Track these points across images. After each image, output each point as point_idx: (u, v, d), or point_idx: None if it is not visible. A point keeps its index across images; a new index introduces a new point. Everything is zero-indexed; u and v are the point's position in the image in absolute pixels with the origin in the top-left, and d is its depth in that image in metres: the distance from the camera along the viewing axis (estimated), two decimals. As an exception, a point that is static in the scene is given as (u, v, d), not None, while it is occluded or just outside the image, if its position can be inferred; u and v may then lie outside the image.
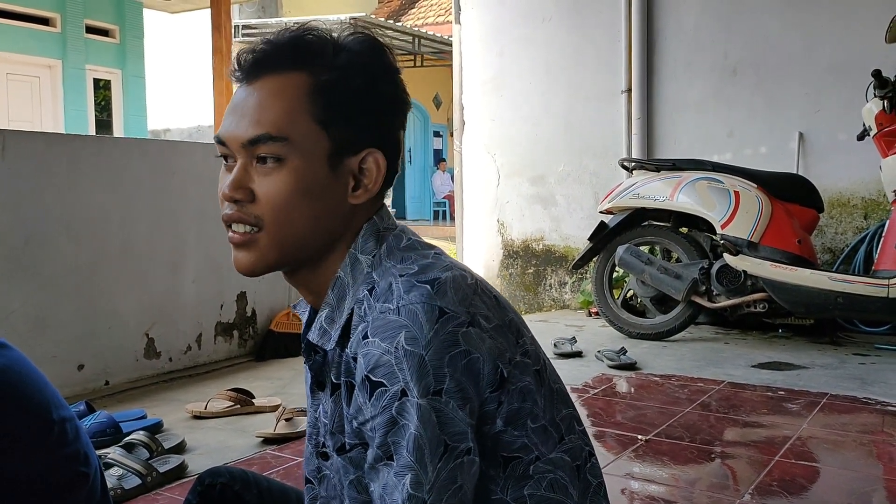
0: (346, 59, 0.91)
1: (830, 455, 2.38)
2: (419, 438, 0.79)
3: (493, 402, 0.85)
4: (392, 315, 0.82)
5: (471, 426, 0.82)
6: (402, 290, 0.84)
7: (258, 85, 0.90)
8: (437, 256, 0.91)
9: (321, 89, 0.90)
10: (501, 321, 0.88)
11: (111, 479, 1.99)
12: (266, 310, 3.89)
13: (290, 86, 0.89)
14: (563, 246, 5.49)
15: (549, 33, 5.48)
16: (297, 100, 0.89)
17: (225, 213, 0.91)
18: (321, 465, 1.01)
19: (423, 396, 0.79)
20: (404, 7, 17.54)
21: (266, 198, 0.89)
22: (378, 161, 0.93)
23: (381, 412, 0.80)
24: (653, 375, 3.36)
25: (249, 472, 1.15)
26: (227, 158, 0.92)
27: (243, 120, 0.89)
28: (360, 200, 0.93)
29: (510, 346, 0.88)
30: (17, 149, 2.86)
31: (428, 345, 0.80)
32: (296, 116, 0.89)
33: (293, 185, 0.88)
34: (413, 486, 0.79)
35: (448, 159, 17.01)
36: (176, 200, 3.47)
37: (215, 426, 2.66)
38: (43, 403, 1.18)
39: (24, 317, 2.87)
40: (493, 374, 0.85)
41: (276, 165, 0.88)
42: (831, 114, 4.51)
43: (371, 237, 0.93)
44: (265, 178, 0.89)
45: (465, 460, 0.81)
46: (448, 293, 0.84)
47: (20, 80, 10.16)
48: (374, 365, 0.81)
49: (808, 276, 3.71)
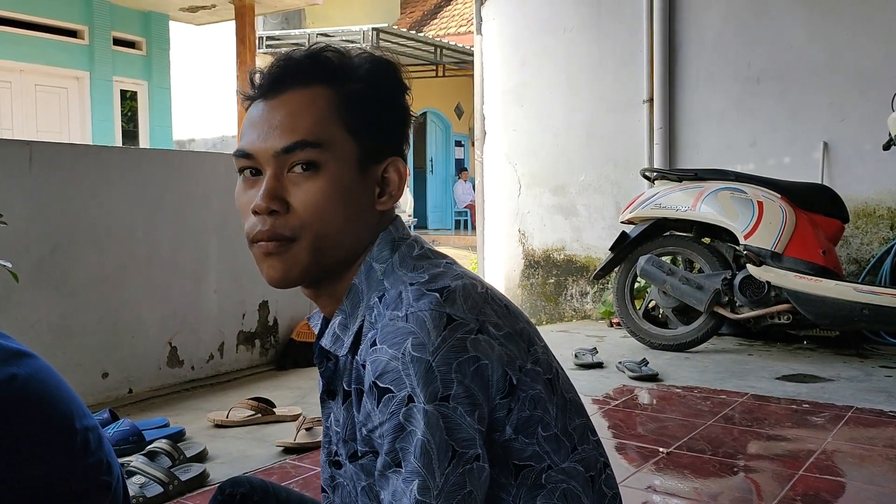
0: (367, 73, 0.94)
1: (856, 469, 2.35)
2: (426, 444, 0.79)
3: (503, 409, 0.85)
4: (400, 322, 0.83)
5: (479, 432, 0.82)
6: (411, 297, 0.85)
7: (283, 99, 0.92)
8: (448, 266, 0.92)
9: (348, 99, 0.92)
10: (512, 329, 0.89)
11: (133, 487, 2.01)
12: (287, 319, 3.91)
13: (318, 96, 0.92)
14: (585, 256, 5.47)
15: (570, 43, 5.48)
16: (326, 108, 0.91)
17: (257, 230, 0.90)
18: (334, 474, 1.01)
19: (430, 402, 0.80)
20: (426, 18, 17.62)
21: (304, 206, 0.90)
22: (400, 169, 0.95)
23: (389, 418, 0.81)
24: (675, 387, 3.33)
25: (269, 482, 1.15)
26: (250, 172, 0.93)
27: (274, 131, 0.90)
28: (386, 207, 0.95)
29: (521, 353, 0.88)
30: (43, 160, 2.91)
31: (435, 351, 0.81)
32: (328, 123, 0.91)
33: (330, 190, 0.90)
34: (420, 492, 0.79)
35: (470, 169, 17.03)
36: (199, 210, 3.50)
37: (236, 435, 2.67)
38: (66, 413, 1.19)
39: (50, 325, 2.91)
40: (503, 381, 0.85)
41: (312, 172, 0.90)
42: (856, 123, 4.46)
43: (386, 246, 0.94)
44: (301, 186, 0.90)
45: (473, 466, 0.81)
46: (457, 301, 0.84)
47: (48, 92, 10.32)
48: (381, 371, 0.82)
49: (834, 287, 3.66)
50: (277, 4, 10.11)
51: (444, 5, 17.75)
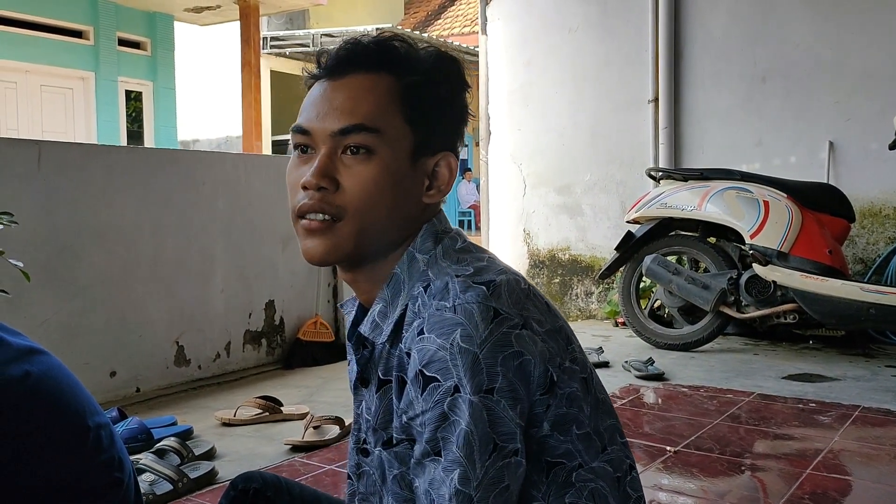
0: (431, 66, 0.95)
1: (863, 468, 2.35)
2: (469, 435, 0.80)
3: (542, 405, 0.86)
4: (448, 313, 0.83)
5: (520, 427, 0.83)
6: (458, 289, 0.85)
7: (346, 81, 0.93)
8: (490, 260, 0.93)
9: (410, 89, 0.93)
10: (552, 326, 0.90)
11: (143, 485, 2.02)
12: (294, 318, 3.92)
13: (381, 83, 0.93)
14: (590, 256, 5.47)
15: (575, 43, 5.48)
16: (387, 96, 0.92)
17: (303, 203, 0.92)
18: (361, 461, 1.02)
19: (476, 393, 0.80)
20: (430, 18, 17.62)
21: (353, 187, 0.91)
22: (451, 164, 0.97)
23: (433, 407, 0.81)
24: (681, 386, 3.33)
25: (282, 477, 1.16)
26: (303, 149, 0.94)
27: (333, 111, 0.92)
28: (433, 200, 0.96)
29: (560, 351, 0.89)
30: (52, 159, 2.92)
31: (483, 343, 0.82)
32: (387, 111, 0.92)
33: (381, 176, 0.91)
34: (461, 482, 0.79)
35: (473, 169, 17.02)
36: (205, 210, 3.51)
37: (244, 433, 2.68)
38: (79, 410, 1.20)
39: (58, 324, 2.92)
40: (543, 377, 0.86)
41: (365, 156, 0.91)
42: (862, 123, 4.45)
43: (429, 238, 0.95)
44: (353, 168, 0.91)
45: (512, 461, 0.82)
46: (503, 295, 0.85)
47: (54, 92, 10.33)
48: (428, 360, 0.82)
49: (840, 286, 3.66)
50: (282, 5, 10.12)
51: (448, 5, 17.76)
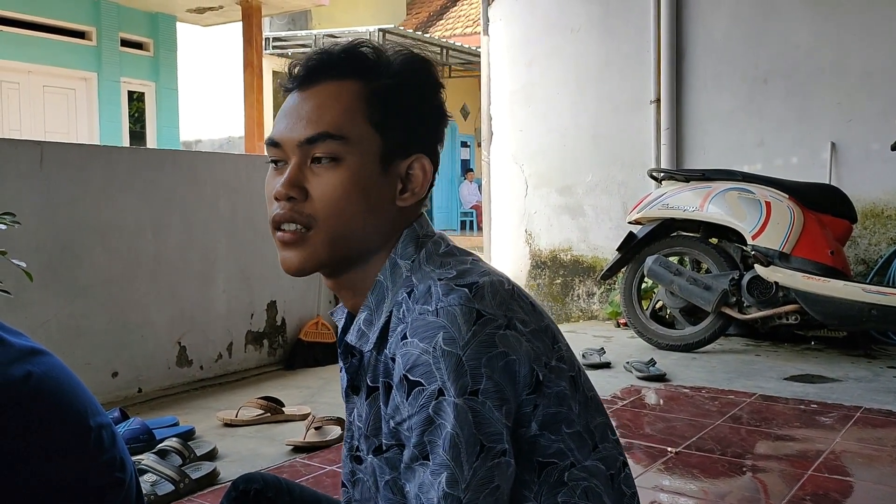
0: (399, 69, 0.95)
1: (864, 469, 2.35)
2: (455, 437, 0.80)
3: (529, 404, 0.86)
4: (431, 316, 0.84)
5: (507, 427, 0.83)
6: (440, 292, 0.85)
7: (314, 91, 0.94)
8: (474, 262, 0.93)
9: (376, 94, 0.93)
10: (538, 326, 0.90)
11: (145, 485, 2.02)
12: (296, 319, 3.92)
13: (347, 90, 0.93)
14: (592, 256, 5.46)
15: (577, 44, 5.48)
16: (353, 102, 0.93)
17: (276, 213, 0.93)
18: (355, 469, 1.02)
19: (460, 396, 0.81)
20: (432, 19, 17.63)
21: (321, 196, 0.91)
22: (425, 166, 0.96)
23: (419, 411, 0.82)
24: (682, 387, 3.33)
25: (283, 478, 1.16)
26: (277, 163, 0.95)
27: (300, 121, 0.92)
28: (407, 203, 0.96)
29: (546, 350, 0.89)
30: (54, 159, 2.92)
31: (466, 346, 0.82)
32: (353, 117, 0.92)
33: (348, 183, 0.91)
34: (449, 485, 0.79)
35: (475, 169, 17.02)
36: (207, 210, 3.52)
37: (246, 434, 2.68)
38: (80, 410, 1.20)
39: (60, 325, 2.93)
40: (530, 377, 0.86)
41: (332, 164, 0.91)
42: (864, 123, 4.45)
43: (411, 243, 0.96)
44: (320, 177, 0.92)
45: (501, 461, 0.82)
46: (486, 297, 0.85)
47: (56, 93, 10.35)
48: (412, 364, 0.83)
49: (842, 287, 3.66)
50: (284, 5, 10.13)
51: (450, 6, 17.76)
